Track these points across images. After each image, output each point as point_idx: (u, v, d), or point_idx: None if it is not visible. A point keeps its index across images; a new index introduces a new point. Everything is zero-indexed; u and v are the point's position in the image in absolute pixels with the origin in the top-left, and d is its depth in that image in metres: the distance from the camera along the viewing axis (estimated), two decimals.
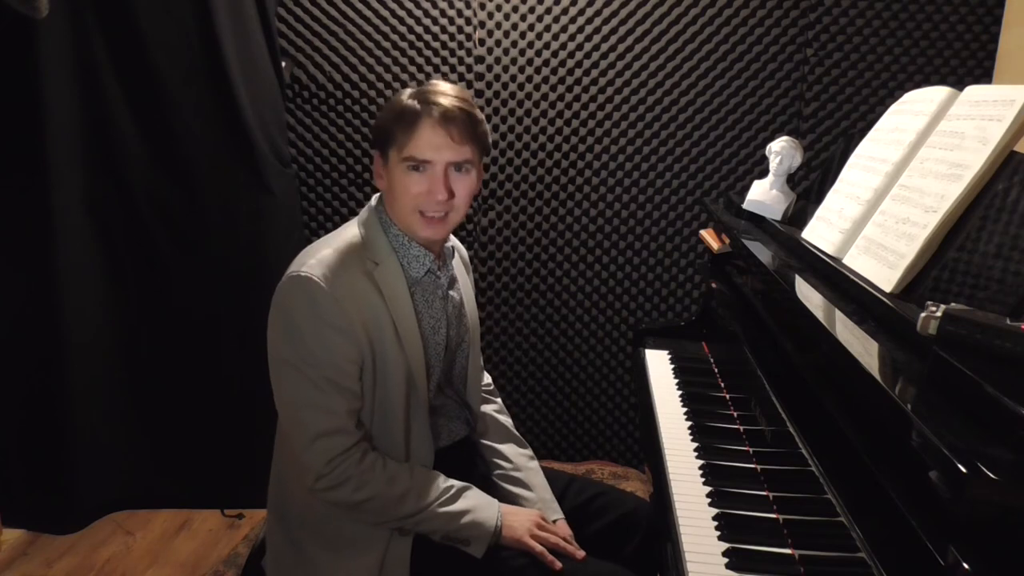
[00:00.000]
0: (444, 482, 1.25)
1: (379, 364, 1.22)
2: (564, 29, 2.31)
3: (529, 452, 1.49)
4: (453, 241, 1.42)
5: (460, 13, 2.32)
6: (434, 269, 1.30)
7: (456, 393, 1.43)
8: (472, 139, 1.21)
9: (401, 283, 1.25)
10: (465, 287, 1.43)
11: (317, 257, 1.20)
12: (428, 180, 1.20)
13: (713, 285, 1.78)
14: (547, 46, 2.33)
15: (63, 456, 2.04)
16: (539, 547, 1.22)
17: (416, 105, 1.19)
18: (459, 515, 1.22)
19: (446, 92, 1.21)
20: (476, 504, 1.25)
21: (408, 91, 1.24)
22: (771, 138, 1.79)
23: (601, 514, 1.41)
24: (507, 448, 1.46)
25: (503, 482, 1.40)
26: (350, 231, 1.27)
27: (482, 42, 2.34)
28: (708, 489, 1.20)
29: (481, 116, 1.25)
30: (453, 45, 2.35)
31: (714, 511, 1.13)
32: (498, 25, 2.32)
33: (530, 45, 2.33)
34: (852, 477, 0.86)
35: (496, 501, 1.28)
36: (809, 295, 1.16)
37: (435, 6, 2.32)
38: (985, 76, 2.21)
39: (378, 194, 1.32)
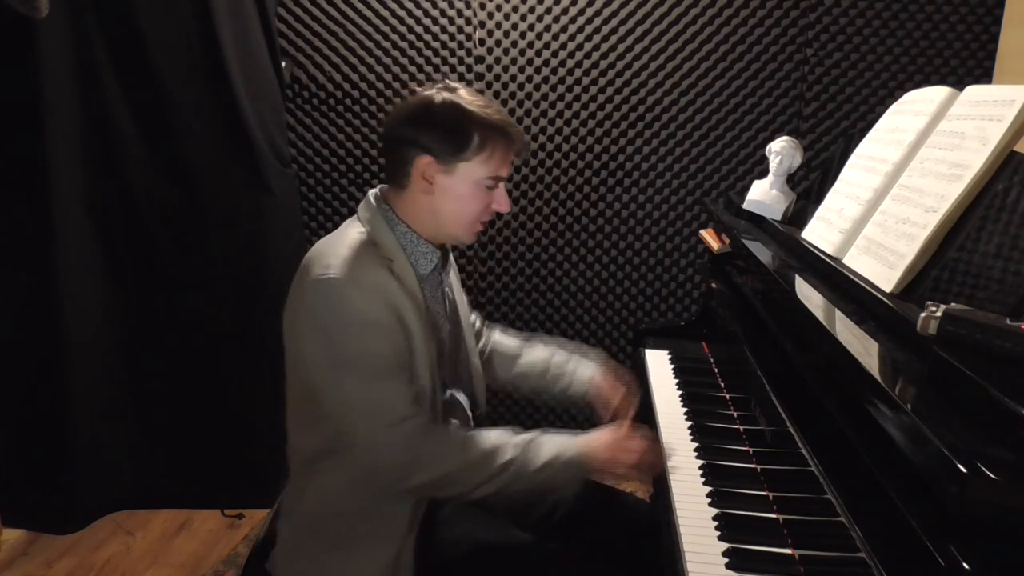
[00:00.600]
0: (517, 436, 1.23)
1: (412, 352, 1.23)
2: (564, 29, 2.31)
3: (523, 343, 1.59)
4: None
5: (460, 13, 2.32)
6: (439, 266, 1.32)
7: (463, 388, 1.43)
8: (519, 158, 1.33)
9: (412, 279, 1.25)
10: (456, 282, 1.46)
11: (338, 258, 1.18)
12: (499, 195, 1.28)
13: (713, 285, 1.78)
14: (547, 46, 2.33)
15: (63, 456, 2.04)
16: (625, 470, 1.24)
17: (500, 128, 1.24)
18: (544, 466, 1.20)
19: (500, 110, 1.27)
20: (558, 449, 1.22)
21: (477, 104, 1.23)
22: (771, 138, 1.79)
23: (600, 514, 1.41)
24: (522, 362, 1.56)
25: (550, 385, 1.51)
26: (354, 230, 1.26)
27: (482, 42, 2.34)
28: (708, 489, 1.19)
29: None
30: (453, 45, 2.35)
31: (714, 511, 1.13)
32: (498, 25, 2.32)
33: (530, 45, 2.33)
34: (852, 477, 0.86)
35: (573, 438, 1.26)
36: (809, 295, 1.16)
37: (435, 6, 2.32)
38: (985, 76, 2.21)
39: (375, 191, 1.30)
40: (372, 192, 1.31)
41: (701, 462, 1.28)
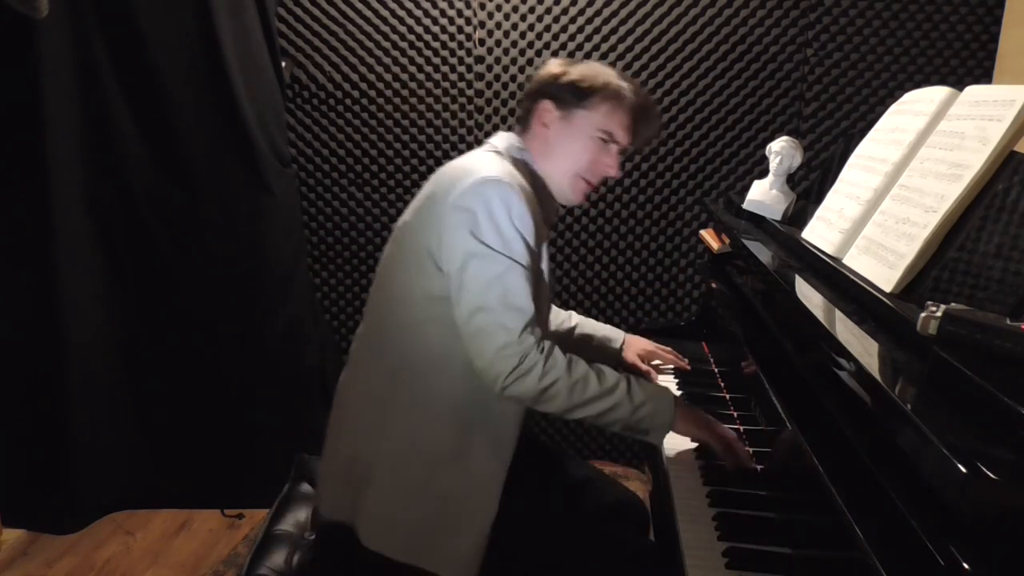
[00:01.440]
0: (616, 373, 1.24)
1: (538, 270, 1.24)
2: (564, 29, 2.31)
3: (569, 320, 1.67)
4: None
5: (460, 13, 2.32)
6: (554, 221, 1.39)
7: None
8: (639, 136, 1.37)
9: (538, 213, 1.25)
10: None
11: (495, 168, 1.20)
12: (609, 156, 1.33)
13: (713, 285, 1.78)
14: (547, 46, 2.33)
15: (63, 456, 2.04)
16: (719, 443, 1.23)
17: (626, 89, 1.32)
18: (640, 404, 1.21)
19: (636, 87, 1.35)
20: (654, 393, 1.25)
21: (614, 74, 1.34)
22: (771, 138, 1.79)
23: (595, 499, 1.42)
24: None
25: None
26: (501, 153, 1.30)
27: (482, 42, 2.34)
28: (708, 489, 1.19)
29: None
30: (453, 45, 2.35)
31: (714, 511, 1.13)
32: (498, 25, 2.32)
33: (530, 45, 2.33)
34: (852, 477, 0.86)
35: (670, 390, 1.29)
36: (809, 295, 1.16)
37: (435, 6, 2.32)
38: (985, 76, 2.21)
39: (510, 134, 1.35)
40: (503, 132, 1.36)
41: (701, 462, 1.28)
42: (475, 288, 1.15)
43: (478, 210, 1.16)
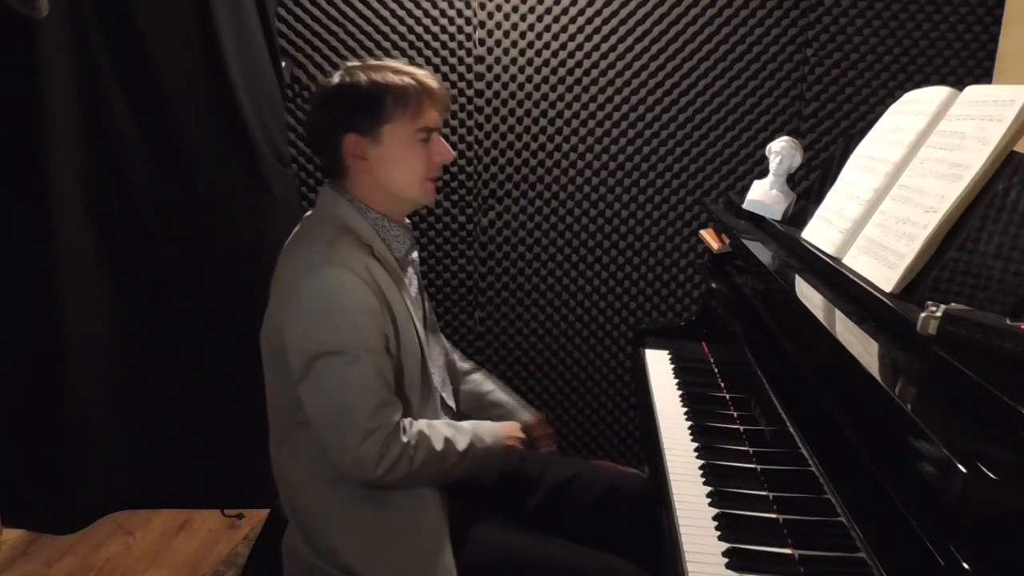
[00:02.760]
0: (462, 425, 1.31)
1: (400, 341, 1.25)
2: (564, 29, 2.31)
3: (475, 371, 1.62)
4: None
5: (460, 13, 2.32)
6: (412, 247, 1.36)
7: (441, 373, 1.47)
8: (446, 108, 1.34)
9: (393, 263, 1.28)
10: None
11: (327, 250, 1.19)
12: (438, 146, 1.30)
13: (713, 285, 1.78)
14: (547, 46, 2.33)
15: (63, 456, 2.04)
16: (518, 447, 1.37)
17: (410, 81, 1.27)
18: (489, 450, 1.31)
19: (412, 69, 1.31)
20: (494, 434, 1.34)
21: (368, 71, 1.26)
22: (771, 138, 1.79)
23: (581, 495, 1.42)
24: (469, 384, 1.59)
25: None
26: (328, 222, 1.27)
27: (482, 42, 2.34)
28: (708, 489, 1.19)
29: None
30: (453, 45, 2.35)
31: (714, 511, 1.13)
32: (498, 25, 2.32)
33: (530, 45, 2.33)
34: (852, 477, 0.86)
35: (492, 423, 1.37)
36: (809, 295, 1.16)
37: (435, 6, 2.32)
38: (985, 76, 2.21)
39: (326, 189, 1.33)
40: (324, 190, 1.32)
41: (701, 462, 1.28)
42: (320, 392, 1.18)
43: (312, 309, 1.18)
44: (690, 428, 1.43)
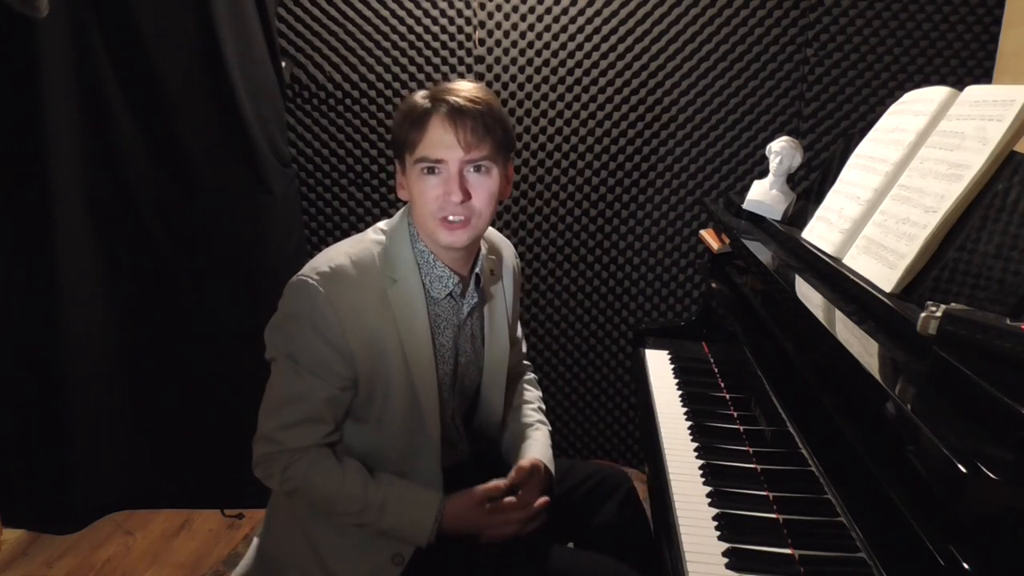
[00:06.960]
0: (378, 482, 1.19)
1: (380, 385, 1.19)
2: (564, 29, 2.31)
3: (532, 421, 1.42)
4: (508, 261, 1.42)
5: (460, 13, 2.32)
6: (456, 294, 1.25)
7: (482, 430, 1.40)
8: (488, 135, 1.13)
9: (420, 302, 1.20)
10: (495, 317, 1.35)
11: (332, 265, 1.15)
12: (443, 182, 1.14)
13: (713, 285, 1.78)
14: (547, 46, 2.33)
15: (63, 456, 2.04)
16: (488, 529, 1.20)
17: (426, 103, 1.14)
18: (394, 516, 1.18)
19: (459, 88, 1.15)
20: (416, 502, 1.19)
21: (422, 91, 1.18)
22: (771, 138, 1.79)
23: (570, 492, 1.40)
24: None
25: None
26: (373, 239, 1.23)
27: (482, 42, 2.34)
28: (708, 489, 1.19)
29: (501, 111, 1.17)
30: (453, 45, 2.35)
31: (714, 511, 1.13)
32: (498, 25, 2.32)
33: (530, 45, 2.33)
34: (852, 477, 0.86)
35: (438, 495, 1.21)
36: (809, 295, 1.16)
37: (435, 6, 2.32)
38: (985, 76, 2.21)
39: (403, 210, 1.28)
40: (406, 207, 1.27)
41: (701, 462, 1.28)
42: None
43: (283, 313, 1.20)
44: (690, 428, 1.43)
